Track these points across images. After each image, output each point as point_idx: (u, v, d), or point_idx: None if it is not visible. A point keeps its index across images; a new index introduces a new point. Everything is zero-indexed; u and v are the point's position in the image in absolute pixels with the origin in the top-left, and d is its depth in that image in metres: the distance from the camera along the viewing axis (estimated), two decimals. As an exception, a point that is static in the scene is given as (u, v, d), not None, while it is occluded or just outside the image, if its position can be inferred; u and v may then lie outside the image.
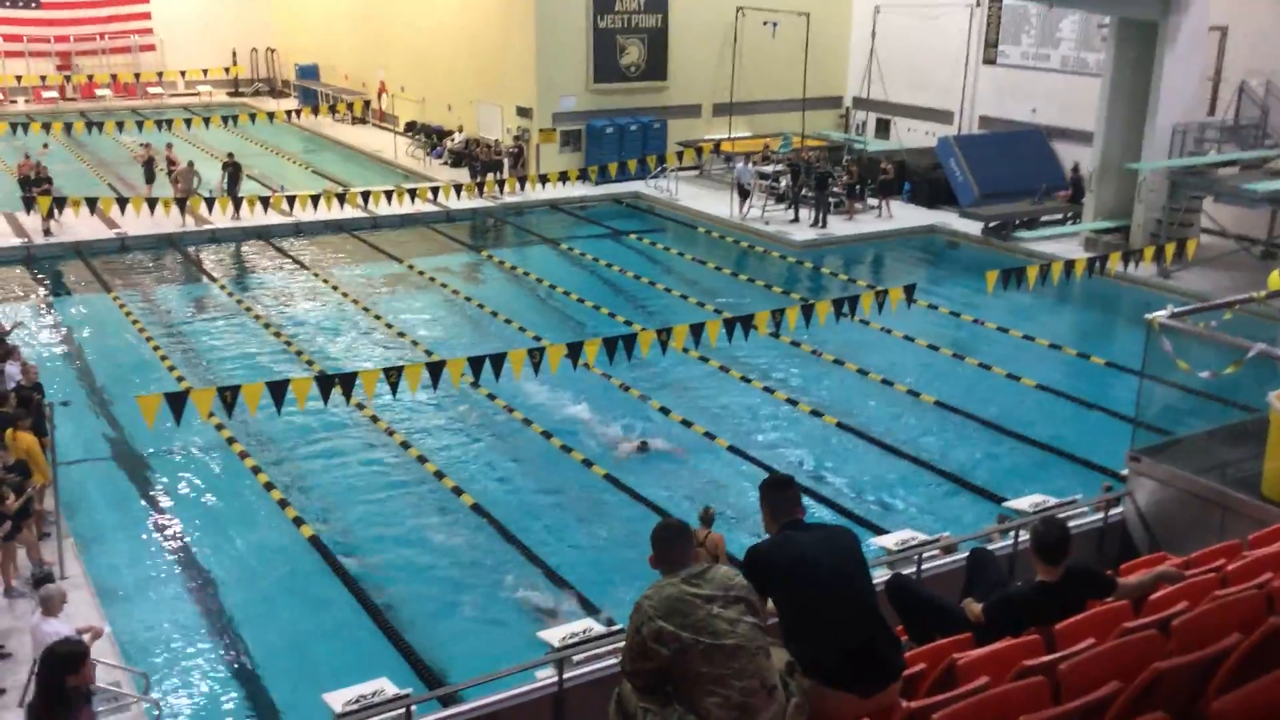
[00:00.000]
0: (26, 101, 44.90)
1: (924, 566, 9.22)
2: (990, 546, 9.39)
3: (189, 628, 11.93)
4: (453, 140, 35.74)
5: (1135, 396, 11.58)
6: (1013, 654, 5.32)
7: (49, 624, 9.46)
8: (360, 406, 16.93)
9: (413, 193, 27.56)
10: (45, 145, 34.85)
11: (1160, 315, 10.35)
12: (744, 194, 29.06)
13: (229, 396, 12.61)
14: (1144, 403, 11.35)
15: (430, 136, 36.98)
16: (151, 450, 15.90)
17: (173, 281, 24.90)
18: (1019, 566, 8.82)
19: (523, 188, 30.04)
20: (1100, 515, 10.31)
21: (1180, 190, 24.06)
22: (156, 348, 19.87)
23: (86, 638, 9.67)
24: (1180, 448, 10.78)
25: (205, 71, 47.99)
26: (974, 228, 27.77)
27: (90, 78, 46.64)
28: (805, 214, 28.78)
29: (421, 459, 15.62)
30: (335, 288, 23.83)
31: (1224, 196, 23.70)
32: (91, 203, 24.78)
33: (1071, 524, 8.85)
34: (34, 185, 26.49)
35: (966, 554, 7.52)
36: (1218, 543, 7.89)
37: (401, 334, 20.89)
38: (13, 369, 15.00)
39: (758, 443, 16.24)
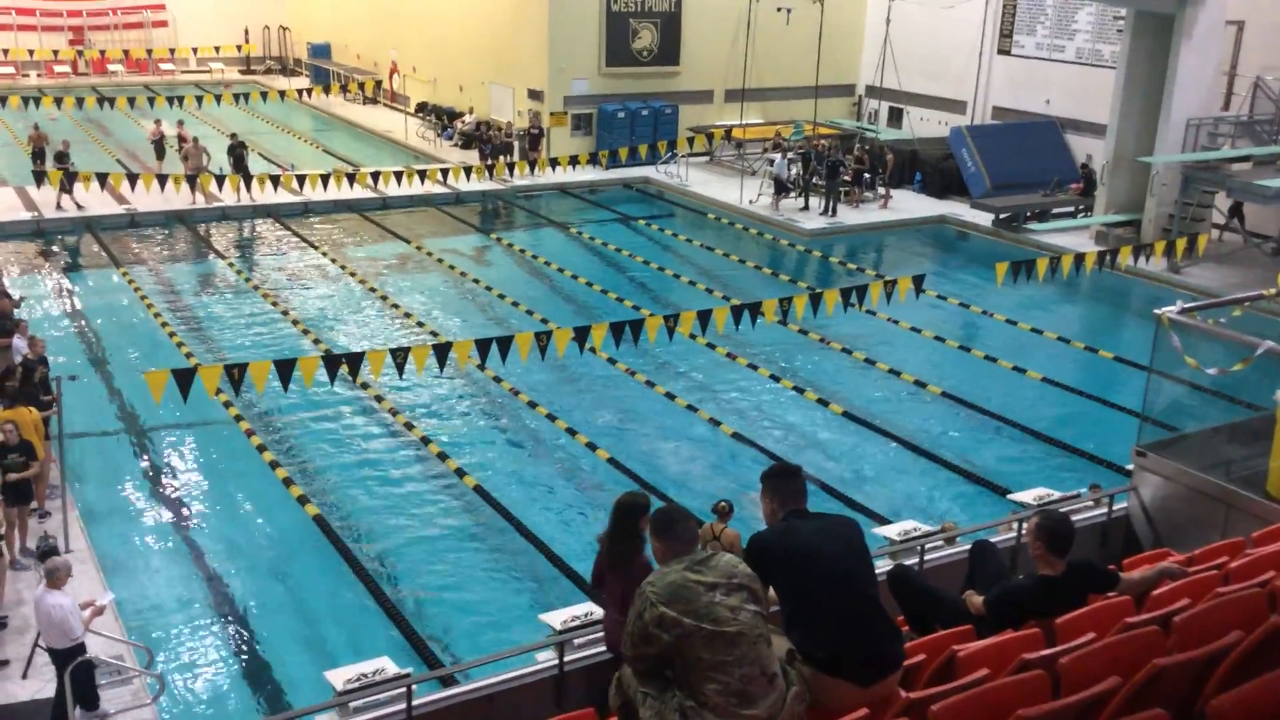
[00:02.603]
0: (39, 76, 44.91)
1: (926, 557, 9.22)
2: (993, 539, 9.38)
3: (192, 603, 11.99)
4: (464, 122, 35.67)
5: (1142, 391, 11.55)
6: (1013, 647, 5.32)
7: (52, 596, 9.49)
8: (366, 386, 16.96)
9: (422, 174, 27.55)
10: (53, 117, 34.76)
11: (1169, 311, 10.30)
12: (782, 188, 28.65)
13: (236, 374, 12.63)
14: (1151, 398, 11.31)
15: (441, 118, 36.93)
16: (158, 426, 15.95)
17: (182, 258, 24.93)
18: (1021, 559, 8.81)
19: (533, 171, 30.02)
20: (1104, 510, 10.30)
21: (1193, 185, 23.95)
22: (165, 324, 19.91)
23: (87, 614, 9.72)
24: (1186, 444, 10.76)
25: (217, 49, 47.98)
26: (985, 219, 27.69)
27: (103, 53, 46.62)
28: (815, 202, 28.70)
29: (425, 440, 15.65)
30: (344, 267, 23.85)
31: (1236, 192, 23.59)
32: (102, 178, 24.80)
33: (1075, 518, 8.85)
34: (58, 160, 26.60)
35: (968, 546, 7.52)
36: (1221, 540, 7.88)
37: (408, 314, 20.90)
38: (20, 343, 15.06)
39: (762, 430, 16.23)
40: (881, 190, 29.53)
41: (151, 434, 15.83)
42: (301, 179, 26.80)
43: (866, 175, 29.59)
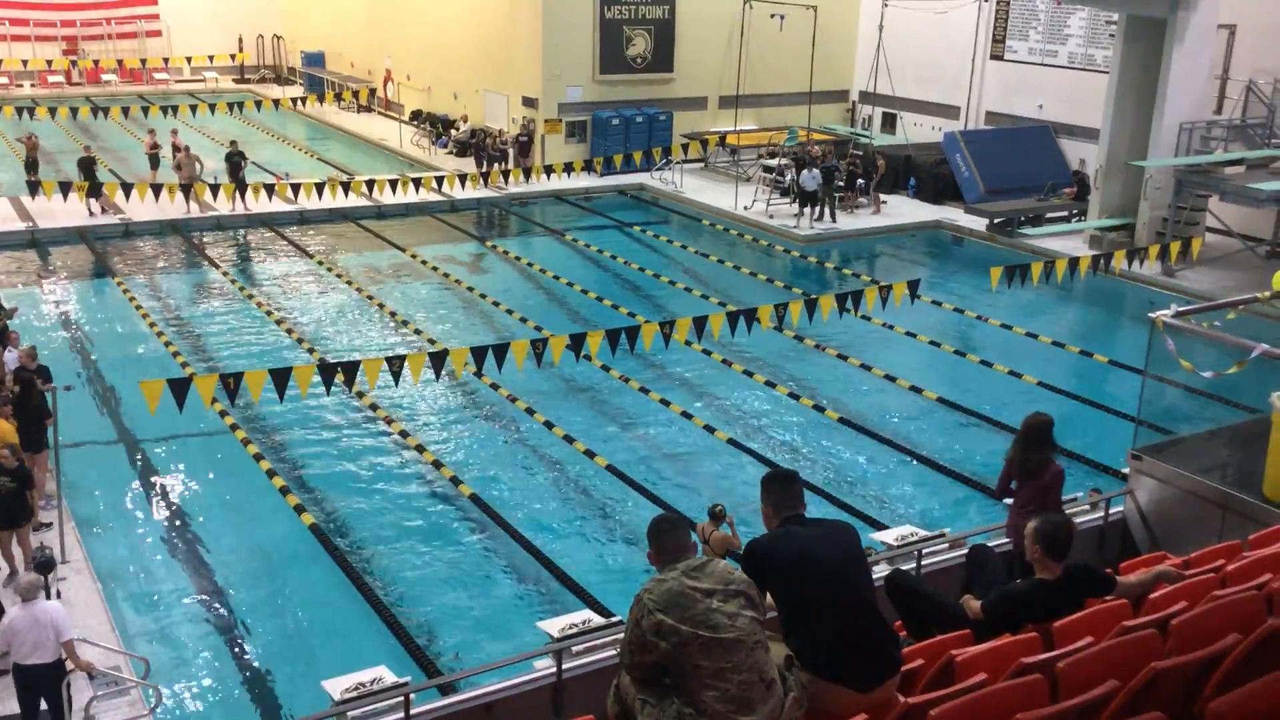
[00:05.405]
0: (32, 85, 44.87)
1: (924, 562, 9.23)
2: (991, 543, 9.39)
3: (189, 613, 11.95)
4: (458, 129, 35.70)
5: (1137, 395, 11.58)
6: (1011, 651, 5.32)
7: (40, 603, 9.39)
8: (361, 395, 16.94)
9: (417, 182, 27.56)
10: (38, 120, 34.82)
11: (1164, 314, 10.34)
12: (810, 201, 27.91)
13: (232, 383, 12.63)
14: (1146, 402, 11.35)
15: (435, 125, 36.94)
16: (154, 436, 15.90)
17: (177, 267, 24.91)
18: (1018, 564, 8.82)
19: (527, 178, 30.04)
20: (1100, 514, 10.32)
21: (1186, 189, 24.01)
22: (160, 333, 19.88)
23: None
24: (1182, 447, 10.80)
25: (211, 58, 47.97)
26: (979, 224, 27.73)
27: (96, 63, 46.62)
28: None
29: (420, 448, 15.63)
30: (339, 276, 23.83)
31: (1229, 195, 23.64)
32: (97, 188, 24.78)
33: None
34: (85, 167, 26.75)
35: (966, 550, 7.53)
36: (1218, 543, 7.90)
37: (405, 323, 20.89)
38: (10, 355, 14.98)
39: (758, 437, 16.24)
40: (875, 196, 29.55)
41: (147, 444, 15.78)
42: (296, 187, 26.81)
43: (860, 181, 29.64)
